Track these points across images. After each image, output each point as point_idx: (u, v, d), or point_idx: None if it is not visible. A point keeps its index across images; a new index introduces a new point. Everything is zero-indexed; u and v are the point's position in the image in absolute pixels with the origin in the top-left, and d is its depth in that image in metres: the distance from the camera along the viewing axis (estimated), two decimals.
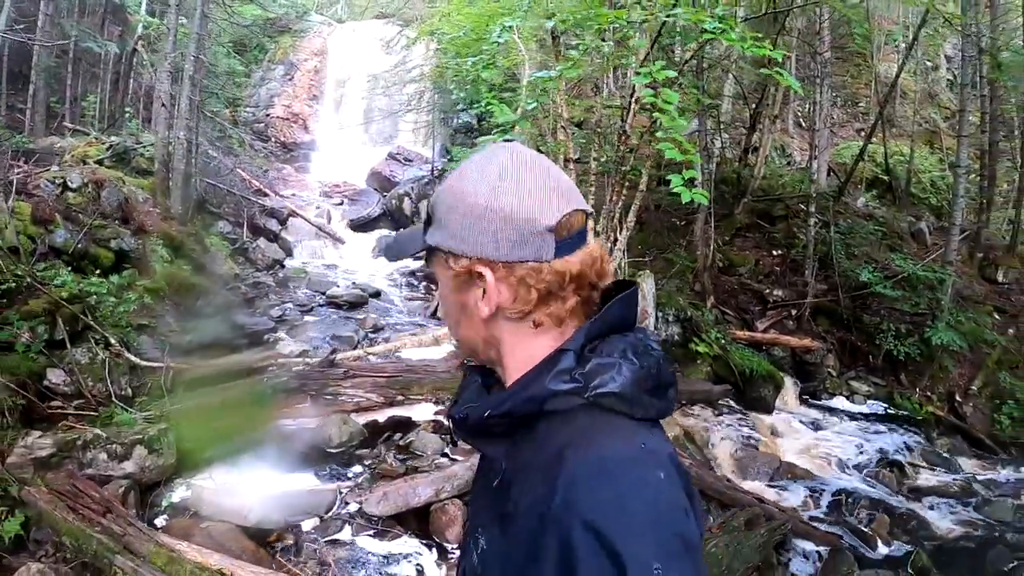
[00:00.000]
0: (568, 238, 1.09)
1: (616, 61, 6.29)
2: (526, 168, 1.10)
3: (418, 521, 5.77)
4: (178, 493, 5.80)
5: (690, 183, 5.08)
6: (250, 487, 5.94)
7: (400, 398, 7.33)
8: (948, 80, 15.60)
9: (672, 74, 5.32)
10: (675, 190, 5.07)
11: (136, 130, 12.48)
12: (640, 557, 0.88)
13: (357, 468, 6.53)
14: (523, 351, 1.12)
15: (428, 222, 1.16)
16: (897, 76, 12.05)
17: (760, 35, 5.58)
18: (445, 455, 6.78)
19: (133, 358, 7.02)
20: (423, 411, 7.48)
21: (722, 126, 11.96)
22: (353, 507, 5.87)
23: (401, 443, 6.92)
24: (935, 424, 10.04)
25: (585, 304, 1.13)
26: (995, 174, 12.44)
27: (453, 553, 5.50)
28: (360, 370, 7.42)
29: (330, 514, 5.78)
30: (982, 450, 9.65)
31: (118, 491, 5.33)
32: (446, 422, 7.31)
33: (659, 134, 5.31)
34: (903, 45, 14.61)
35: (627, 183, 8.55)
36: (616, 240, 8.44)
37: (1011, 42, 11.17)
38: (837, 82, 12.88)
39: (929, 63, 13.89)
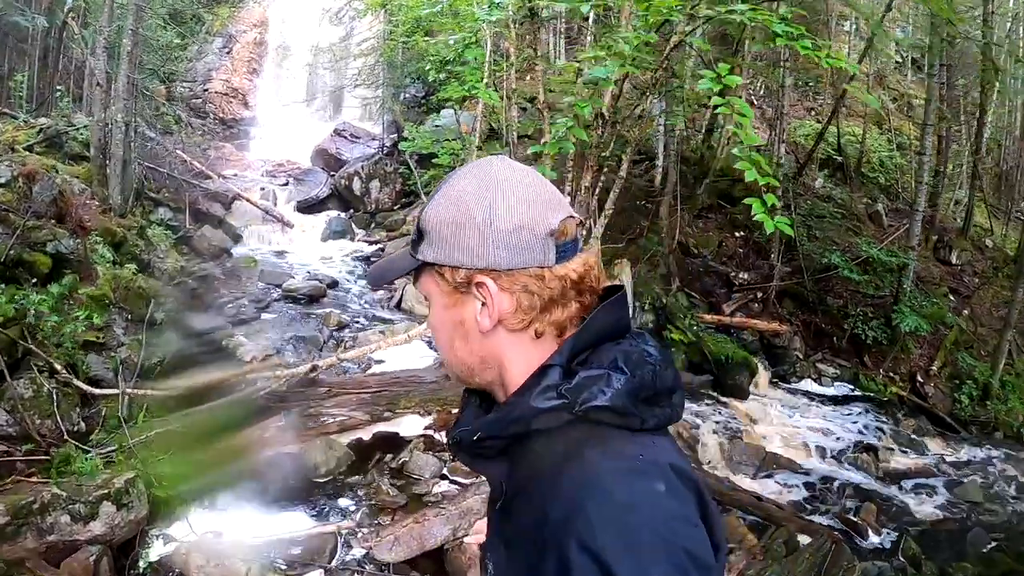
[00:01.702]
0: (567, 243, 1.05)
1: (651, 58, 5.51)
2: (520, 177, 1.06)
3: (433, 564, 5.03)
4: (156, 549, 4.89)
5: (772, 210, 4.36)
6: (237, 534, 5.09)
7: (387, 414, 6.46)
8: (896, 62, 15.43)
9: (740, 80, 4.59)
10: (757, 218, 4.34)
11: (67, 110, 10.99)
12: (637, 574, 0.81)
13: (351, 500, 5.71)
14: (525, 363, 1.04)
15: (418, 239, 1.08)
16: (860, 61, 11.64)
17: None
18: (444, 476, 6.05)
19: (84, 386, 5.92)
20: (411, 425, 6.66)
21: (684, 106, 11.31)
22: (358, 551, 5.10)
23: (394, 465, 6.13)
24: (899, 404, 10.01)
25: (585, 311, 1.06)
26: (947, 158, 12.27)
27: None
28: (343, 387, 6.50)
29: (335, 562, 5.00)
30: (944, 429, 9.66)
31: (89, 560, 4.40)
32: (439, 436, 6.58)
33: (735, 151, 4.56)
34: (856, 27, 14.34)
35: (602, 167, 7.91)
36: (590, 229, 7.77)
37: (971, 33, 10.89)
38: (795, 64, 12.42)
39: (878, 44, 13.57)
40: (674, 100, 11.29)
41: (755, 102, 14.65)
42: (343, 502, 5.66)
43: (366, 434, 6.48)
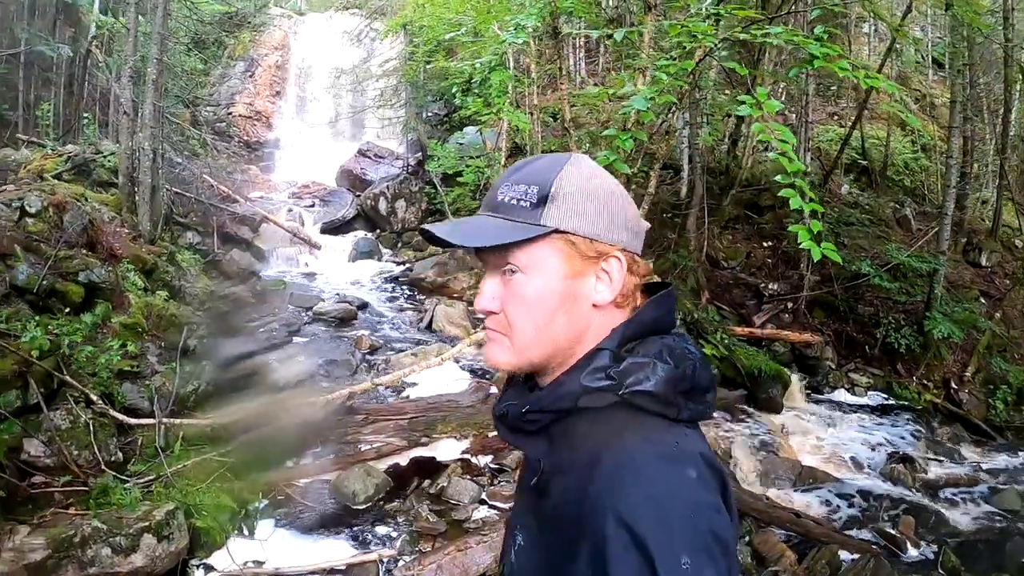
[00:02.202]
0: None
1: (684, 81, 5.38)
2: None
3: None
4: None
5: (818, 236, 4.21)
6: (278, 563, 5.00)
7: (424, 439, 6.36)
8: (917, 62, 15.19)
9: (779, 105, 4.45)
10: (803, 246, 4.19)
11: (94, 138, 10.99)
12: (669, 551, 0.86)
13: (391, 527, 5.57)
14: (597, 342, 1.08)
15: (538, 205, 1.05)
16: (881, 67, 11.41)
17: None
18: (483, 502, 5.93)
19: (120, 416, 5.86)
20: (448, 449, 6.55)
21: (708, 118, 11.16)
22: None
23: (432, 491, 6.00)
24: (934, 412, 9.73)
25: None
26: (973, 159, 12.00)
27: None
28: (379, 413, 6.40)
29: None
30: (980, 435, 9.41)
31: None
32: (476, 461, 6.46)
33: (779, 178, 4.42)
34: (875, 28, 14.13)
35: (630, 183, 7.77)
36: None
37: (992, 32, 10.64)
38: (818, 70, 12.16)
39: (899, 45, 13.32)
40: (697, 111, 11.15)
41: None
42: (383, 530, 5.53)
43: (403, 460, 6.36)
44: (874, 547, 6.26)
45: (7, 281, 6.39)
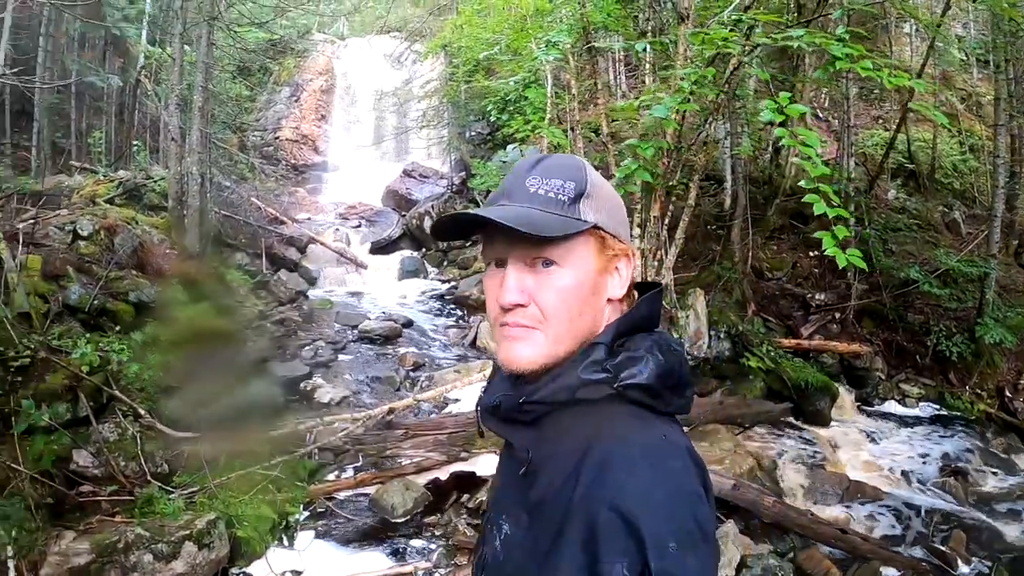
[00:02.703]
0: None
1: (713, 89, 5.33)
2: None
3: None
4: None
5: (844, 243, 4.12)
6: (316, 574, 5.07)
7: (464, 454, 6.37)
8: (961, 60, 14.76)
9: (805, 109, 4.39)
10: (828, 252, 4.10)
11: (144, 163, 11.39)
12: (658, 535, 0.90)
13: (428, 541, 5.59)
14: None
15: (575, 200, 1.11)
16: (922, 68, 11.13)
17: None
18: None
19: (166, 430, 6.01)
20: (488, 464, 6.52)
21: (749, 129, 10.99)
22: None
23: (471, 505, 5.98)
24: (987, 422, 9.29)
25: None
26: (1022, 157, 11.53)
27: None
28: (420, 430, 6.43)
29: None
30: None
31: None
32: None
33: (803, 183, 4.35)
34: (916, 28, 13.81)
35: (670, 195, 7.69)
36: (662, 260, 7.56)
37: None
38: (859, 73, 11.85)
39: (941, 44, 12.95)
40: (738, 121, 11.01)
41: (820, 115, 14.20)
42: (420, 543, 5.55)
43: (443, 474, 6.36)
44: (923, 564, 6.04)
45: (60, 301, 6.64)
